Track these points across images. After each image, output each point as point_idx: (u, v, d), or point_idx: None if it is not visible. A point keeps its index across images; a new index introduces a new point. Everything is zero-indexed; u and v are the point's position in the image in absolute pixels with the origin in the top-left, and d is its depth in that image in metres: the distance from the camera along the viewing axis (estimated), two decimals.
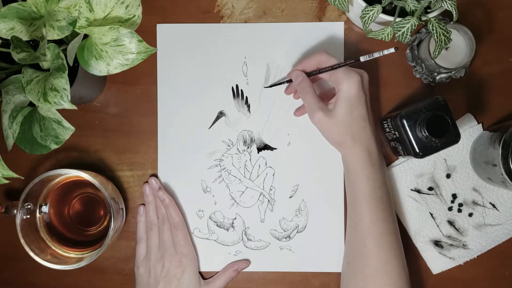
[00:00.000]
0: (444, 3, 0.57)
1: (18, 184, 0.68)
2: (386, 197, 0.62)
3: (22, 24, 0.54)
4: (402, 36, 0.58)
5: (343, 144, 0.62)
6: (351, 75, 0.60)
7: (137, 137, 0.71)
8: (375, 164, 0.62)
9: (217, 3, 0.71)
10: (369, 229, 0.61)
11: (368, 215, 0.61)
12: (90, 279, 0.71)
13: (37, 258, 0.62)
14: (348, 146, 0.62)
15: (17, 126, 0.56)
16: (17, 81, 0.56)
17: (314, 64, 0.64)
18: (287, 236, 0.70)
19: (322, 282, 0.70)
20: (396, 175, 0.70)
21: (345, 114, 0.60)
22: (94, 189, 0.68)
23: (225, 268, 0.70)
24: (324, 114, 0.61)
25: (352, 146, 0.61)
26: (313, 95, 0.62)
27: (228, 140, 0.71)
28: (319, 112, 0.61)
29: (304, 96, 0.63)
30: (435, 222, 0.70)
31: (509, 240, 0.70)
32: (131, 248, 0.70)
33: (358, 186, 0.62)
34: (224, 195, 0.71)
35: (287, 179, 0.70)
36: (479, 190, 0.70)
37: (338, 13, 0.70)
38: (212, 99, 0.71)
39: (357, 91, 0.60)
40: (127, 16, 0.56)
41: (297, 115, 0.70)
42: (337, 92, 0.61)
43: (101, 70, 0.55)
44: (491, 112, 0.70)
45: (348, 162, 0.63)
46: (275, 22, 0.71)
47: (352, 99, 0.60)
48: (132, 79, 0.71)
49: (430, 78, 0.68)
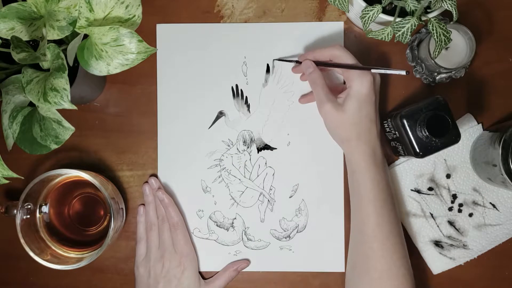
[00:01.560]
0: (444, 3, 0.57)
1: (18, 184, 0.68)
2: (390, 199, 0.62)
3: (22, 24, 0.54)
4: (402, 36, 0.58)
5: (348, 141, 0.62)
6: (364, 74, 0.60)
7: (137, 137, 0.71)
8: (379, 166, 0.62)
9: (217, 3, 0.71)
10: (374, 232, 0.61)
11: (374, 218, 0.61)
12: (90, 279, 0.71)
13: (37, 258, 0.62)
14: (353, 144, 0.62)
15: (17, 126, 0.56)
16: (17, 81, 0.56)
17: (327, 57, 0.64)
18: (287, 236, 0.70)
19: (322, 282, 0.70)
20: (396, 175, 0.70)
21: (354, 111, 0.60)
22: (94, 189, 0.68)
23: (225, 268, 0.70)
24: (333, 106, 0.61)
25: (357, 144, 0.61)
26: (324, 86, 0.62)
27: (228, 140, 0.71)
28: (329, 104, 0.61)
29: (315, 87, 0.63)
30: (435, 222, 0.70)
31: (509, 240, 0.70)
32: (131, 248, 0.70)
33: (363, 188, 0.61)
34: (224, 195, 0.71)
35: (287, 179, 0.70)
36: (479, 190, 0.69)
37: (338, 13, 0.70)
38: (212, 99, 0.71)
39: (368, 90, 0.60)
40: (127, 16, 0.56)
41: (302, 102, 0.70)
42: (348, 88, 0.61)
43: (101, 70, 0.55)
44: (491, 112, 0.70)
45: (352, 161, 0.63)
46: (275, 22, 0.71)
47: (363, 97, 0.60)
48: (132, 79, 0.71)
49: (430, 78, 0.68)
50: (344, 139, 0.63)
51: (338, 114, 0.61)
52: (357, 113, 0.60)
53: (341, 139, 0.63)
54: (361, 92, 0.60)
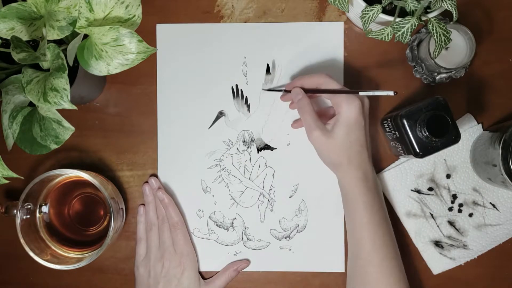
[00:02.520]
0: (444, 3, 0.57)
1: (18, 184, 0.68)
2: (384, 222, 0.62)
3: (22, 24, 0.54)
4: (402, 36, 0.58)
5: (339, 166, 0.62)
6: (352, 99, 0.60)
7: (137, 137, 0.71)
8: (372, 189, 0.62)
9: (217, 3, 0.71)
10: (370, 256, 0.61)
11: (368, 242, 0.61)
12: (90, 279, 0.71)
13: (37, 258, 0.62)
14: (344, 169, 0.62)
15: (17, 126, 0.56)
16: (17, 81, 0.56)
17: (314, 84, 0.64)
18: (287, 236, 0.70)
19: (322, 282, 0.70)
20: (396, 176, 0.70)
21: (343, 137, 0.60)
22: (94, 189, 0.68)
23: (225, 268, 0.70)
24: (322, 133, 0.61)
25: (348, 169, 0.61)
26: (312, 113, 0.62)
27: (228, 140, 0.71)
28: (317, 131, 0.61)
29: (303, 114, 0.63)
30: (435, 222, 0.70)
31: (509, 240, 0.70)
32: (131, 248, 0.70)
33: (356, 214, 0.62)
34: (224, 195, 0.71)
35: (287, 179, 0.70)
36: (479, 190, 0.69)
37: (338, 13, 0.70)
38: (212, 99, 0.71)
39: (357, 115, 0.60)
40: (127, 16, 0.56)
41: (294, 127, 0.70)
42: (337, 114, 0.62)
43: (101, 70, 0.55)
44: (491, 112, 0.70)
45: (344, 187, 0.63)
46: (275, 22, 0.71)
47: (351, 123, 0.60)
48: (132, 79, 0.71)
49: (430, 78, 0.68)
50: (335, 164, 0.63)
51: (327, 140, 0.61)
52: (346, 138, 0.61)
53: (332, 164, 0.63)
54: (349, 117, 0.60)
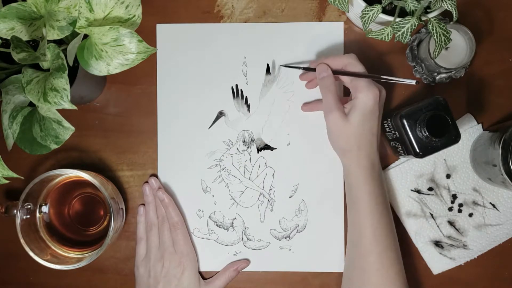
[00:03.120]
0: (444, 3, 0.57)
1: (18, 184, 0.68)
2: (387, 213, 0.62)
3: (22, 24, 0.54)
4: (402, 36, 0.58)
5: (348, 152, 0.62)
6: (371, 88, 0.60)
7: (137, 137, 0.71)
8: (377, 179, 0.62)
9: (217, 3, 0.71)
10: (371, 245, 0.61)
11: (370, 232, 0.61)
12: (90, 279, 0.71)
13: (37, 258, 0.62)
14: (352, 156, 0.61)
15: (17, 126, 0.56)
16: (17, 81, 0.57)
17: (340, 65, 0.63)
18: (287, 236, 0.70)
19: (322, 282, 0.70)
20: (396, 176, 0.70)
21: (358, 123, 0.60)
22: (94, 189, 0.68)
23: (225, 268, 0.70)
24: (340, 115, 0.61)
25: (356, 156, 0.61)
26: (335, 93, 0.62)
27: (228, 140, 0.71)
28: (337, 112, 0.61)
29: (326, 93, 0.62)
30: (435, 222, 0.70)
31: (509, 240, 0.69)
32: (131, 248, 0.70)
33: (360, 202, 0.61)
34: (224, 195, 0.71)
35: (287, 179, 0.70)
36: (479, 190, 0.69)
37: (338, 13, 0.70)
38: (212, 99, 0.71)
39: (373, 104, 0.60)
40: (127, 16, 0.56)
41: (304, 110, 0.70)
42: (354, 99, 0.61)
43: (101, 70, 0.55)
44: (491, 112, 0.70)
45: (350, 174, 0.63)
46: (275, 22, 0.71)
47: (367, 111, 0.60)
48: (132, 79, 0.71)
49: (430, 78, 0.68)
50: (344, 150, 0.62)
51: (343, 124, 0.61)
52: (361, 126, 0.60)
53: (341, 149, 0.63)
54: (366, 105, 0.60)
